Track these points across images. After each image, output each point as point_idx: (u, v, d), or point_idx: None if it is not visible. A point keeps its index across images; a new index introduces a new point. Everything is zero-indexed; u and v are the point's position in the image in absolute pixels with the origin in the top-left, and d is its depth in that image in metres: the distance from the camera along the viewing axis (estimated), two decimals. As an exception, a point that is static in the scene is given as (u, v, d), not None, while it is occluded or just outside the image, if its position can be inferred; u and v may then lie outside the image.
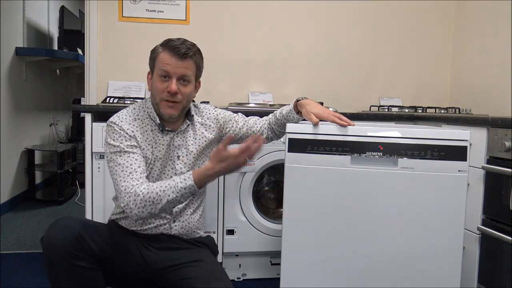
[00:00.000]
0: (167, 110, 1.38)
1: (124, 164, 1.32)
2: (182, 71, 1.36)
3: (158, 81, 1.37)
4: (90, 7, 2.41)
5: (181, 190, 1.26)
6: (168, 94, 1.36)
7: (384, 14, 2.72)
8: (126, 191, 1.28)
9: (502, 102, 2.33)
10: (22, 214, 3.24)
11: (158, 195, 1.25)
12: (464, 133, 1.37)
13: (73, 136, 4.34)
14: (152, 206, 1.25)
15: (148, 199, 1.25)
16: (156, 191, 1.26)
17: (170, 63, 1.35)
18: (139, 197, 1.26)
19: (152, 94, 1.42)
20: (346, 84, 2.72)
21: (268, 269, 2.12)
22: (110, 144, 1.37)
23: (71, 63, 4.10)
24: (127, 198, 1.27)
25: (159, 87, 1.37)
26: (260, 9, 2.59)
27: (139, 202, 1.25)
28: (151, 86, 1.42)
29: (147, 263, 1.38)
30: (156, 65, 1.38)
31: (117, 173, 1.32)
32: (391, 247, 1.40)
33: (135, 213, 1.26)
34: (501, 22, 2.37)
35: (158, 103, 1.39)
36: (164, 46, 1.38)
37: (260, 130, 1.59)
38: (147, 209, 1.26)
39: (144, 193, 1.26)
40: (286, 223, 1.44)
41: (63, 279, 1.21)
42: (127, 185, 1.29)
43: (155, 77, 1.39)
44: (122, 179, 1.30)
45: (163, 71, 1.36)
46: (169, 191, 1.25)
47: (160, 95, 1.37)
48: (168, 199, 1.25)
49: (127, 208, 1.27)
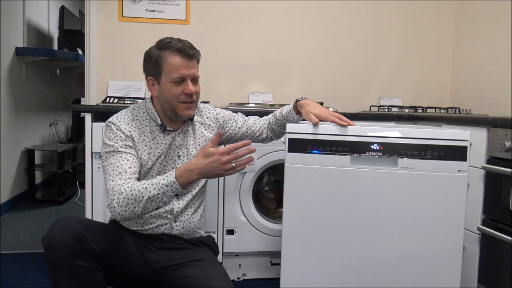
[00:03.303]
0: (186, 112, 1.39)
1: (115, 164, 1.32)
2: (194, 72, 1.38)
3: (172, 86, 1.35)
4: (90, 7, 2.41)
5: (163, 187, 1.23)
6: (186, 96, 1.37)
7: (384, 14, 2.72)
8: (112, 190, 1.27)
9: (502, 102, 2.33)
10: (22, 214, 3.24)
11: (140, 192, 1.23)
12: (464, 133, 1.37)
13: (73, 136, 4.34)
14: (134, 204, 1.23)
15: (130, 197, 1.23)
16: (138, 189, 1.24)
17: (183, 66, 1.34)
18: (122, 195, 1.24)
19: (165, 100, 1.38)
20: (346, 84, 2.72)
21: (268, 269, 2.12)
22: (106, 143, 1.37)
23: (71, 63, 4.10)
24: (111, 197, 1.26)
25: (175, 92, 1.36)
26: (260, 9, 2.59)
27: (121, 200, 1.24)
28: (161, 92, 1.38)
29: (148, 263, 1.38)
30: (166, 71, 1.35)
31: (108, 172, 1.32)
32: (391, 247, 1.40)
33: (118, 212, 1.24)
34: (501, 22, 2.37)
35: (176, 107, 1.38)
36: (168, 49, 1.35)
37: (260, 130, 1.59)
38: (130, 208, 1.23)
39: (127, 191, 1.25)
40: (286, 223, 1.44)
41: (64, 279, 1.21)
42: (114, 184, 1.28)
43: (167, 84, 1.36)
44: (111, 178, 1.30)
45: (179, 76, 1.35)
46: (150, 188, 1.24)
47: (177, 99, 1.37)
48: (149, 195, 1.22)
49: (110, 207, 1.26)
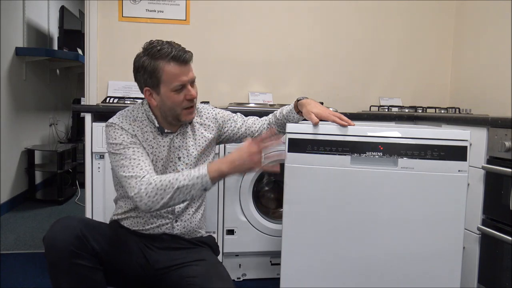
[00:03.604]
0: (189, 117, 1.41)
1: (131, 157, 1.31)
2: (191, 76, 1.37)
3: (173, 95, 1.34)
4: (90, 7, 2.41)
5: (193, 178, 1.25)
6: (188, 102, 1.37)
7: (384, 14, 2.72)
8: (137, 179, 1.26)
9: (502, 102, 2.33)
10: (22, 214, 3.24)
11: (170, 182, 1.25)
12: (464, 133, 1.37)
13: (73, 136, 4.34)
14: (163, 194, 1.24)
15: (160, 187, 1.24)
16: (168, 179, 1.25)
17: (181, 73, 1.34)
18: (151, 185, 1.24)
19: (168, 108, 1.37)
20: (346, 84, 2.72)
21: (268, 269, 2.12)
22: (112, 143, 1.35)
23: (71, 63, 4.10)
24: (139, 186, 1.25)
25: (177, 100, 1.35)
26: (260, 9, 2.59)
27: (150, 190, 1.24)
28: (162, 102, 1.36)
29: (149, 262, 1.38)
30: (165, 81, 1.33)
31: (125, 165, 1.30)
32: (391, 247, 1.40)
33: (145, 202, 1.24)
34: (501, 22, 2.37)
35: (179, 114, 1.38)
36: (162, 58, 1.32)
37: (259, 130, 1.59)
38: (157, 198, 1.24)
39: (156, 182, 1.25)
40: (286, 223, 1.44)
41: (65, 279, 1.21)
42: (137, 174, 1.27)
43: (167, 93, 1.34)
44: (131, 170, 1.28)
45: (179, 84, 1.34)
46: (181, 178, 1.25)
47: (180, 106, 1.36)
48: (179, 185, 1.24)
49: (137, 196, 1.24)
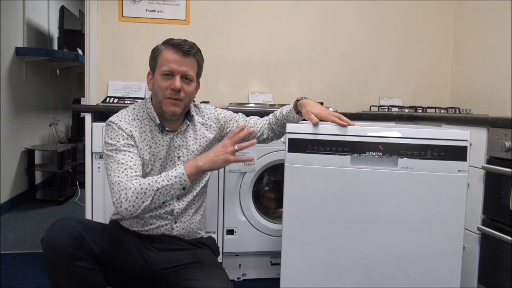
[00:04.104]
0: (170, 108, 1.38)
1: (120, 161, 1.32)
2: (185, 69, 1.37)
3: (161, 79, 1.37)
4: (90, 7, 2.41)
5: (171, 178, 1.26)
6: (172, 92, 1.36)
7: (384, 14, 2.72)
8: (118, 185, 1.27)
9: (502, 102, 2.33)
10: (22, 214, 3.24)
11: (149, 184, 1.25)
12: (464, 133, 1.37)
13: (73, 136, 4.34)
14: (143, 198, 1.24)
15: (140, 191, 1.24)
16: (148, 182, 1.26)
17: (174, 60, 1.35)
18: (130, 190, 1.25)
19: (154, 93, 1.41)
20: (346, 84, 2.72)
21: (268, 269, 2.12)
22: (108, 142, 1.36)
23: (71, 63, 4.10)
24: (118, 192, 1.26)
25: (162, 85, 1.37)
26: (260, 9, 2.59)
27: (130, 195, 1.24)
28: (153, 85, 1.42)
29: (148, 263, 1.38)
30: (159, 64, 1.38)
31: (112, 169, 1.31)
32: (391, 247, 1.40)
33: (125, 208, 1.24)
34: (501, 23, 2.37)
35: (161, 101, 1.38)
36: (166, 44, 1.38)
37: (261, 130, 1.59)
38: (138, 202, 1.24)
39: (135, 186, 1.25)
40: (286, 223, 1.44)
41: (64, 280, 1.20)
42: (120, 180, 1.28)
43: (158, 76, 1.38)
44: (116, 175, 1.29)
45: (167, 69, 1.36)
46: (159, 179, 1.26)
47: (163, 93, 1.37)
48: (158, 186, 1.25)
49: (117, 202, 1.25)
